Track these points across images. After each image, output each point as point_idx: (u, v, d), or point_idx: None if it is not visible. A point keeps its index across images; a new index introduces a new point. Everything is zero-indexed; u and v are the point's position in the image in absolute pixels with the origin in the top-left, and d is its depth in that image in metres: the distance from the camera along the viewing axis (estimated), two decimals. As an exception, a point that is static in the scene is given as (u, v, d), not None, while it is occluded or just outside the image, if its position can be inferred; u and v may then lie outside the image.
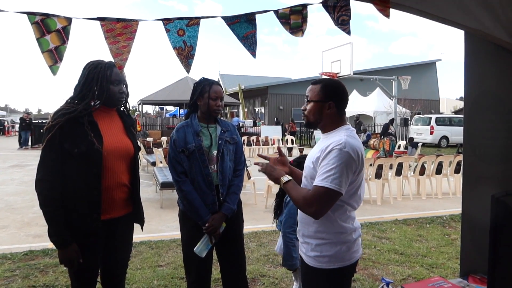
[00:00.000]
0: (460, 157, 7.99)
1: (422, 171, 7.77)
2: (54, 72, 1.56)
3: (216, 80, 2.74)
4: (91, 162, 1.90)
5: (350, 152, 1.65)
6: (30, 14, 1.27)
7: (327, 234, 1.76)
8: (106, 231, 2.02)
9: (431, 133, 19.86)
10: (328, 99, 1.79)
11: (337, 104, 1.80)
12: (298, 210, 1.89)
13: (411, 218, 5.87)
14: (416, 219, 5.80)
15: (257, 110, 30.77)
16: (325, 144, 1.73)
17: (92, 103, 2.00)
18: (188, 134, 2.37)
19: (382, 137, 12.45)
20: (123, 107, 2.19)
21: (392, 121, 13.63)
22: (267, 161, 1.96)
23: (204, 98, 2.37)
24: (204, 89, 2.39)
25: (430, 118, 20.51)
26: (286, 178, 1.81)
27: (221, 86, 2.45)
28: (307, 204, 1.67)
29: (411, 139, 14.52)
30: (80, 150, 1.87)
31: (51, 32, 1.31)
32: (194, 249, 2.28)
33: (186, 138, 2.35)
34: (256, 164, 1.98)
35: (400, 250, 4.39)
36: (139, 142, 11.30)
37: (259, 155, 2.13)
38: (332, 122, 1.81)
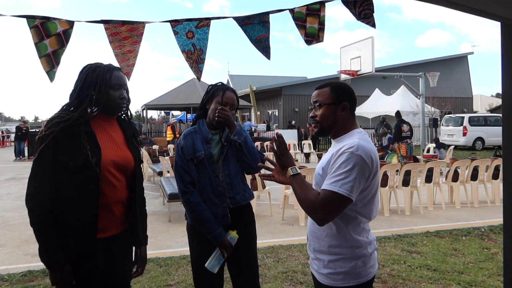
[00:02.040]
0: (498, 161, 7.86)
1: (455, 177, 7.65)
2: (51, 78, 1.60)
3: (225, 82, 2.75)
4: (88, 176, 1.88)
5: (362, 155, 1.66)
6: (29, 17, 1.30)
7: (341, 249, 1.76)
8: (104, 250, 2.01)
9: (464, 134, 19.59)
10: (341, 100, 1.83)
11: (350, 105, 1.84)
12: (308, 223, 1.89)
13: (445, 230, 5.78)
14: (450, 231, 5.71)
15: (270, 113, 30.79)
16: (336, 148, 1.75)
17: (89, 110, 1.97)
18: (197, 141, 2.39)
19: (397, 142, 11.74)
20: (124, 115, 2.17)
21: (399, 115, 12.30)
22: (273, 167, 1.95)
23: (213, 103, 2.40)
24: (216, 93, 2.40)
25: (463, 118, 20.24)
26: (295, 170, 1.78)
27: (235, 94, 2.47)
28: (314, 209, 1.67)
29: (437, 140, 14.22)
30: (76, 163, 1.85)
31: (50, 36, 1.34)
32: (206, 265, 2.29)
33: (195, 146, 2.37)
34: (261, 166, 1.96)
35: (434, 265, 4.32)
36: (143, 151, 11.41)
37: (266, 159, 2.09)
38: (344, 126, 1.84)
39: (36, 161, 1.86)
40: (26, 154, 18.57)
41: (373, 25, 1.99)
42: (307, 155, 16.05)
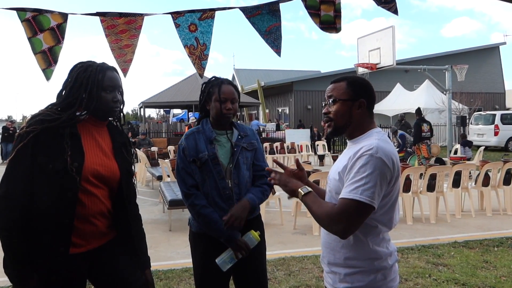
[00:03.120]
0: (533, 163, 7.79)
1: (486, 181, 7.60)
2: (48, 76, 1.62)
3: (231, 77, 2.78)
4: (67, 183, 1.86)
5: (383, 158, 1.66)
6: (20, 10, 1.32)
7: (358, 261, 1.76)
8: (88, 264, 2.00)
9: (496, 133, 19.44)
10: (358, 96, 1.83)
11: (368, 103, 1.84)
12: (322, 233, 1.91)
13: (474, 240, 5.75)
14: (481, 241, 5.68)
15: (280, 110, 30.82)
16: (353, 150, 1.75)
17: (79, 113, 1.97)
18: (200, 141, 2.41)
19: (418, 144, 11.67)
20: (116, 120, 2.16)
21: (419, 113, 12.15)
22: (281, 171, 1.98)
23: (212, 101, 2.42)
24: (212, 90, 2.43)
25: (494, 115, 20.09)
26: (305, 189, 1.81)
27: (233, 85, 2.48)
28: (333, 221, 1.67)
29: (464, 135, 14.03)
30: (55, 167, 1.84)
31: (44, 31, 1.35)
32: (216, 260, 2.30)
33: (198, 146, 2.39)
34: (268, 170, 2.01)
35: (462, 279, 4.30)
36: (141, 152, 11.42)
37: (275, 161, 2.14)
38: (361, 125, 1.84)
39: (13, 160, 1.84)
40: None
41: (395, 12, 1.98)
42: (321, 157, 16.02)
